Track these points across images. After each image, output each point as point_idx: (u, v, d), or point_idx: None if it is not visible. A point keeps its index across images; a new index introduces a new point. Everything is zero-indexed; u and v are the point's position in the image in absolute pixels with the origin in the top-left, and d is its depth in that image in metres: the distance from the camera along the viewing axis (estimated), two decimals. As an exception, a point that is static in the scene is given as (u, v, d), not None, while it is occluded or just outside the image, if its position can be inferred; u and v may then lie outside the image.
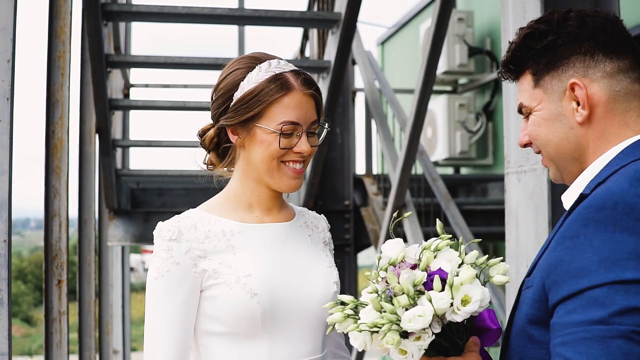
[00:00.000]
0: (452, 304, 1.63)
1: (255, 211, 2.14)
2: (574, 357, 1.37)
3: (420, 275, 1.67)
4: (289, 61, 2.17)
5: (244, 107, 2.04)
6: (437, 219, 1.90)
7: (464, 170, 10.07)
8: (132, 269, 47.96)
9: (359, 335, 1.68)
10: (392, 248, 1.76)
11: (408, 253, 1.75)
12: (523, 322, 1.61)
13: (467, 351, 1.71)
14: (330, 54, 5.92)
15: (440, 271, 1.68)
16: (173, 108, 6.22)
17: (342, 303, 1.77)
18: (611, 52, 1.64)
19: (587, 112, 1.63)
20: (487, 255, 1.76)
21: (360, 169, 7.93)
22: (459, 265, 1.70)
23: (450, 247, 1.75)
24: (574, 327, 1.39)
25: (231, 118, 2.07)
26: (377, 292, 1.72)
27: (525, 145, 1.78)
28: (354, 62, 7.34)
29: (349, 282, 7.33)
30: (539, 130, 1.71)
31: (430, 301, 1.63)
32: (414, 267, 1.73)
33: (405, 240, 5.59)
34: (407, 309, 1.64)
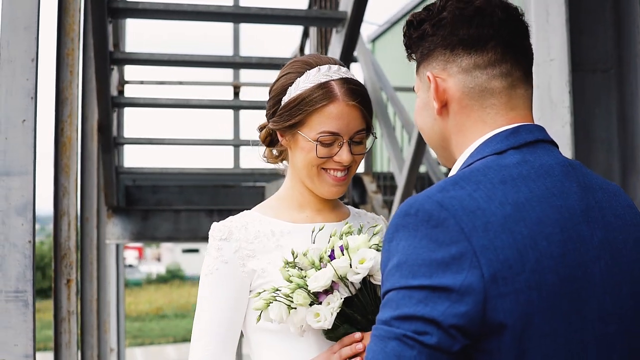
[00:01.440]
0: (351, 266, 1.83)
1: (306, 211, 2.17)
2: (367, 351, 1.43)
3: (324, 249, 1.89)
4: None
5: (287, 113, 2.07)
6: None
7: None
8: (130, 266, 47.71)
9: (275, 306, 1.86)
10: (313, 248, 1.97)
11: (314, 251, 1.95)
12: None
13: None
14: (335, 53, 5.90)
15: (340, 247, 1.88)
16: (176, 106, 6.20)
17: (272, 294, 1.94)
18: (470, 47, 1.57)
19: (438, 104, 1.60)
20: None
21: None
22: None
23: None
24: (375, 323, 1.45)
25: (277, 122, 2.11)
26: (286, 264, 1.92)
27: None
28: (353, 60, 7.34)
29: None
30: (416, 116, 1.73)
31: (331, 263, 1.84)
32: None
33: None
34: None
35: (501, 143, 1.54)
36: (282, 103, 2.08)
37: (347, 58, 5.80)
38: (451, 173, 1.61)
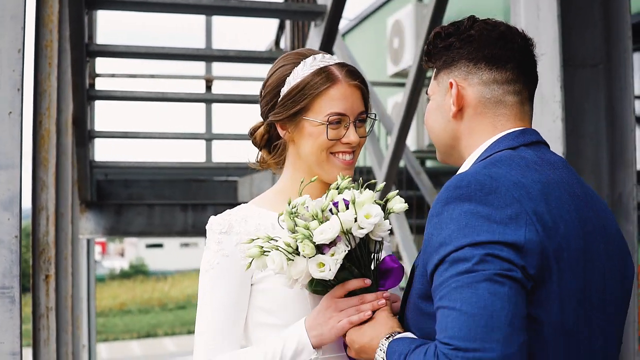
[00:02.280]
0: (356, 220, 1.84)
1: None
2: (449, 305, 1.58)
3: (326, 202, 1.88)
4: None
5: (290, 101, 2.08)
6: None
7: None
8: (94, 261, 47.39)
9: (277, 255, 1.84)
10: (298, 198, 1.93)
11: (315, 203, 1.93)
12: (415, 298, 1.81)
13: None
14: (313, 47, 5.87)
15: (343, 199, 1.88)
16: (151, 99, 6.13)
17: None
18: (492, 64, 1.84)
19: (456, 108, 1.85)
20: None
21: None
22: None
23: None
24: (446, 282, 1.60)
25: (279, 113, 2.10)
26: (290, 215, 1.89)
27: None
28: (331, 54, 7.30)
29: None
30: (429, 116, 1.96)
31: (337, 215, 1.83)
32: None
33: (391, 233, 5.58)
34: None
35: (513, 140, 1.81)
36: (282, 94, 2.10)
37: (326, 51, 5.77)
38: (465, 166, 1.87)
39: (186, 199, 7.83)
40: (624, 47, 3.43)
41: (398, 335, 1.81)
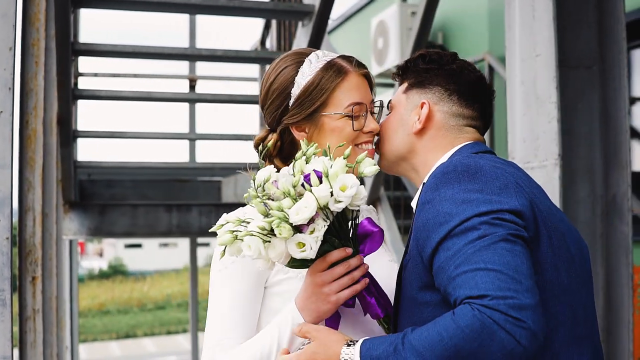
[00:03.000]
0: (332, 194, 1.79)
1: None
2: (472, 267, 1.67)
3: (297, 177, 1.81)
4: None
5: (308, 99, 2.05)
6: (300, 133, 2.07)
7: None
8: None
9: (252, 240, 1.77)
10: (262, 172, 1.86)
11: (281, 174, 1.86)
12: (411, 294, 1.88)
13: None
14: (300, 46, 5.85)
15: (315, 171, 1.82)
16: (137, 98, 6.07)
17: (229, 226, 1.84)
18: (464, 100, 2.08)
19: (420, 126, 2.06)
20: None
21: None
22: (331, 167, 1.84)
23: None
24: (461, 251, 1.70)
25: (296, 114, 2.07)
26: (258, 198, 1.81)
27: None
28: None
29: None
30: (387, 126, 2.14)
31: (312, 192, 1.77)
32: None
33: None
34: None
35: (472, 149, 2.02)
36: (294, 95, 2.06)
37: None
38: (429, 174, 2.00)
39: (169, 199, 7.78)
40: (618, 49, 3.43)
41: (362, 340, 1.78)
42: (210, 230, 1.88)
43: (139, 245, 47.03)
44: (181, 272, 42.46)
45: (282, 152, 2.14)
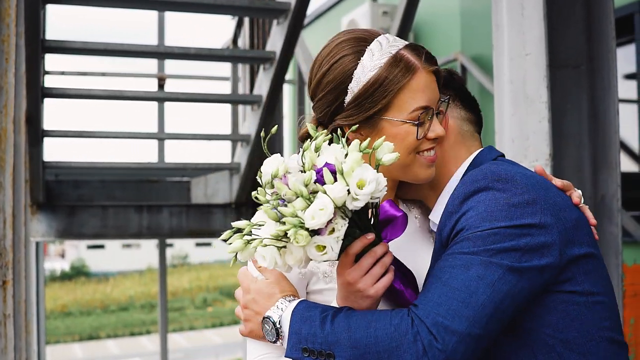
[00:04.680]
0: (349, 192, 1.63)
1: None
2: (441, 276, 1.69)
3: (308, 174, 1.63)
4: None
5: (368, 100, 1.81)
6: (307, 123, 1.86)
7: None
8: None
9: (267, 251, 1.65)
10: (271, 164, 1.69)
11: (290, 164, 1.69)
12: None
13: None
14: (275, 45, 5.77)
15: (327, 165, 1.65)
16: (108, 97, 5.94)
17: (239, 231, 1.70)
18: (466, 104, 2.06)
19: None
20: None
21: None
22: (345, 157, 1.67)
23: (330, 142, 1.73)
24: (449, 257, 1.73)
25: (352, 116, 1.83)
26: (267, 203, 1.67)
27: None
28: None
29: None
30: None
31: (326, 193, 1.61)
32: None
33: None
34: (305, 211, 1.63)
35: (489, 155, 1.99)
36: (352, 92, 1.82)
37: (289, 51, 5.68)
38: (455, 177, 1.99)
39: (138, 200, 7.64)
40: (607, 48, 3.40)
41: (300, 299, 1.78)
42: (220, 238, 1.75)
43: (101, 246, 46.65)
44: (144, 273, 42.18)
45: None
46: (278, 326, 1.74)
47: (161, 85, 8.42)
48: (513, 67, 3.32)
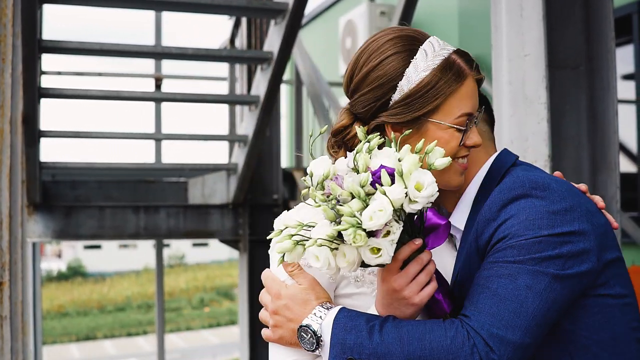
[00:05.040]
0: (406, 194, 1.62)
1: None
2: (488, 285, 1.72)
3: (365, 176, 1.61)
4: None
5: (419, 100, 1.79)
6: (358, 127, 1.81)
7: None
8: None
9: (321, 251, 1.61)
10: (319, 165, 1.68)
11: (339, 166, 1.69)
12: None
13: None
14: (273, 45, 5.76)
15: (383, 167, 1.63)
16: (105, 97, 5.93)
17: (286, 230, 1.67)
18: (480, 105, 1.96)
19: None
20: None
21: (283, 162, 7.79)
22: (399, 160, 1.66)
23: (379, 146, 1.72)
24: (494, 265, 1.74)
25: (400, 114, 1.80)
26: (325, 203, 1.63)
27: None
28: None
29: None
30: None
31: (385, 194, 1.59)
32: None
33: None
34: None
35: (506, 158, 1.97)
36: (400, 90, 1.80)
37: (286, 51, 5.67)
38: (476, 181, 1.96)
39: (135, 200, 7.63)
40: (606, 48, 3.38)
41: (340, 307, 1.75)
42: (268, 237, 1.73)
43: (98, 247, 46.57)
44: (141, 273, 42.12)
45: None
46: (319, 335, 1.72)
47: (158, 86, 8.40)
48: (512, 68, 3.31)
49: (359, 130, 1.73)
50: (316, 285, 1.80)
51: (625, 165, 6.95)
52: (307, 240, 1.63)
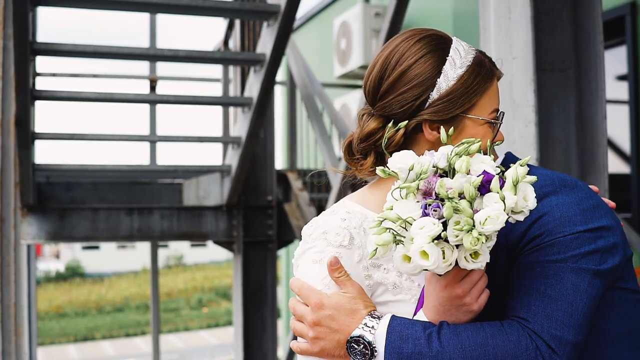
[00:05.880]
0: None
1: None
2: (535, 285, 1.72)
3: (478, 179, 1.56)
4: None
5: (461, 97, 1.79)
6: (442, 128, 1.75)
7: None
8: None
9: (433, 250, 1.53)
10: (408, 159, 1.62)
11: (424, 164, 1.62)
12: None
13: None
14: (266, 47, 5.75)
15: (486, 174, 1.58)
16: (97, 99, 5.92)
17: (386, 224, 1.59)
18: None
19: None
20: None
21: (277, 164, 7.80)
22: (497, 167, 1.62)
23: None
24: (535, 264, 1.74)
25: (442, 111, 1.79)
26: (449, 200, 1.55)
27: None
28: (280, 55, 7.19)
29: (271, 278, 7.18)
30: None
31: (504, 200, 1.54)
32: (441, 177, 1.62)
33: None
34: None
35: (512, 158, 1.94)
36: (440, 87, 1.79)
37: (279, 52, 5.66)
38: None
39: (130, 202, 7.63)
40: (595, 52, 3.38)
41: (390, 315, 1.70)
42: (370, 227, 1.62)
43: (96, 247, 46.58)
44: (139, 273, 42.14)
45: (398, 148, 1.79)
46: (374, 345, 1.66)
47: (153, 87, 8.39)
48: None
49: (442, 132, 1.69)
50: (363, 293, 1.74)
51: (619, 166, 6.95)
52: (403, 236, 1.58)
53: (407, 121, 1.79)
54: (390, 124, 1.79)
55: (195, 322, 34.82)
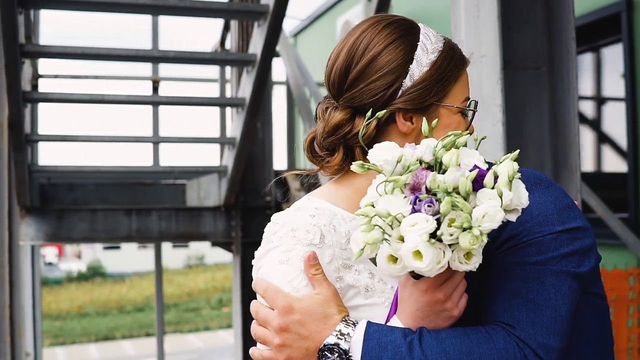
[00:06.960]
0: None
1: None
2: (515, 289, 1.64)
3: (473, 173, 1.43)
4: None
5: (437, 84, 1.69)
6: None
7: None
8: (50, 264, 46.37)
9: (429, 249, 1.40)
10: (389, 152, 1.49)
11: (408, 157, 1.50)
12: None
13: None
14: (256, 47, 5.73)
15: (478, 168, 1.47)
16: (90, 101, 5.93)
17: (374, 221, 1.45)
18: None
19: None
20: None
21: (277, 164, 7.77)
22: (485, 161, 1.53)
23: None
24: (515, 266, 1.66)
25: (416, 99, 1.68)
26: (448, 195, 1.42)
27: None
28: (275, 55, 7.16)
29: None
30: None
31: (501, 197, 1.42)
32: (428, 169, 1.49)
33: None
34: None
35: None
36: (413, 73, 1.68)
37: (269, 52, 5.64)
38: None
39: (132, 203, 7.64)
40: (567, 49, 3.33)
41: (366, 320, 1.58)
42: (360, 224, 1.47)
43: (117, 247, 46.84)
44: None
45: (370, 141, 1.66)
46: (350, 354, 1.54)
47: (155, 88, 8.40)
48: (470, 70, 3.25)
49: (424, 123, 1.57)
50: (337, 296, 1.60)
51: (617, 165, 6.87)
52: (389, 234, 1.44)
53: (383, 110, 1.64)
54: (368, 113, 1.63)
55: (215, 322, 34.89)
